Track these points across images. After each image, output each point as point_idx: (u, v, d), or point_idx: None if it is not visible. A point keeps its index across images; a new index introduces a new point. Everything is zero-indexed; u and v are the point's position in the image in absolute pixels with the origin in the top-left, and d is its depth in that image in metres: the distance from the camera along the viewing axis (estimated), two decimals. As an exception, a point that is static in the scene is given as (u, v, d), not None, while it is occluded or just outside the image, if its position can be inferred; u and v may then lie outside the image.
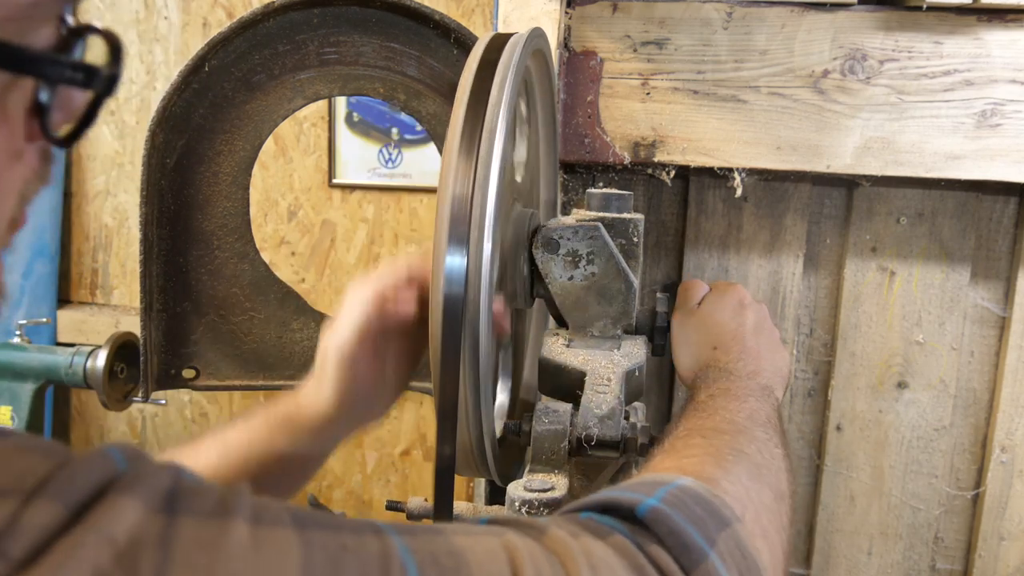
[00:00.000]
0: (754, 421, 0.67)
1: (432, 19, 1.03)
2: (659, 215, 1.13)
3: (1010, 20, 0.96)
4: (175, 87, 1.05)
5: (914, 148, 0.99)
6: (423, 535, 0.40)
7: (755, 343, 0.85)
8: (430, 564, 0.37)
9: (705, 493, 0.50)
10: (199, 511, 0.33)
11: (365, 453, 2.21)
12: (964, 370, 1.11)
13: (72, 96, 0.39)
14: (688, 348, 0.87)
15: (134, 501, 0.31)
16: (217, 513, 0.33)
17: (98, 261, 2.25)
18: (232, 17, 1.96)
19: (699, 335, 0.87)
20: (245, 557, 0.32)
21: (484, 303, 0.60)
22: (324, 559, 0.34)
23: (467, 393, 0.61)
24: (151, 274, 1.11)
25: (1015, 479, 1.10)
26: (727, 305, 0.89)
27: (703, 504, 0.49)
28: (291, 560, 0.33)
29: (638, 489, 0.49)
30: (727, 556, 0.46)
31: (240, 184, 1.13)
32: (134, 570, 0.30)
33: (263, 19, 1.04)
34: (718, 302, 0.90)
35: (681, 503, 0.48)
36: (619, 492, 0.49)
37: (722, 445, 0.61)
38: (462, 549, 0.40)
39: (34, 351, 1.69)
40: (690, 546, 0.45)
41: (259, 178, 2.09)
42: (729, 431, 0.65)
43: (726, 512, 0.49)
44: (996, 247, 1.09)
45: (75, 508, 0.30)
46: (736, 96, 1.01)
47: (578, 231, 0.75)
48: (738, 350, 0.83)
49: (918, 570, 1.15)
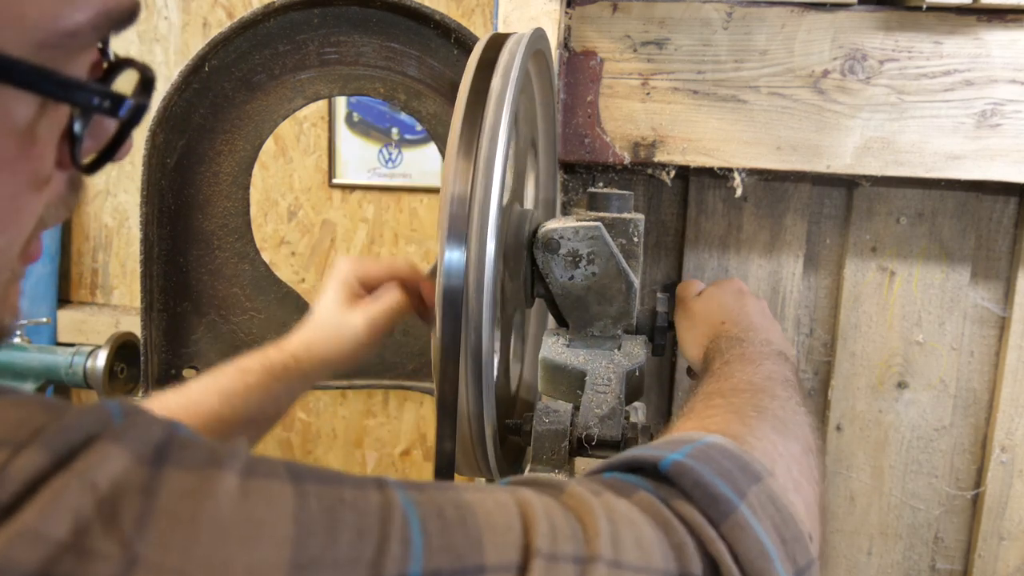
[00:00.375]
0: (773, 381, 0.65)
1: (432, 19, 1.03)
2: (659, 215, 1.13)
3: (1010, 20, 0.96)
4: (175, 87, 1.05)
5: (914, 148, 0.99)
6: (431, 490, 0.38)
7: (761, 320, 0.83)
8: (434, 516, 0.36)
9: (733, 448, 0.48)
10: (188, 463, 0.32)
11: (365, 453, 2.21)
12: (964, 370, 1.11)
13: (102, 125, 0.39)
14: (694, 331, 0.85)
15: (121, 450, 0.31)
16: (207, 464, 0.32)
17: (98, 261, 2.25)
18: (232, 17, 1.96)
19: (704, 315, 0.86)
20: (233, 506, 0.31)
21: (487, 302, 0.60)
22: (319, 510, 0.33)
23: (468, 391, 0.61)
24: (151, 274, 1.11)
25: (1015, 479, 1.10)
26: (728, 291, 0.89)
27: (731, 458, 0.46)
28: (283, 510, 0.32)
29: (662, 447, 0.47)
30: (759, 508, 0.43)
31: (240, 184, 1.13)
32: (114, 516, 0.29)
33: (263, 19, 1.04)
34: (718, 288, 0.90)
35: (707, 457, 0.46)
36: (643, 450, 0.47)
37: (743, 404, 0.59)
38: (471, 503, 0.38)
39: (34, 351, 1.69)
40: (718, 498, 0.43)
41: (259, 178, 2.09)
42: (748, 390, 0.62)
43: (756, 466, 0.47)
44: (996, 247, 1.09)
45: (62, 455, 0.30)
46: (736, 96, 1.01)
47: (578, 231, 0.75)
48: (746, 323, 0.81)
49: (918, 570, 1.15)
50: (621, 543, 0.39)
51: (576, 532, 0.39)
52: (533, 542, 0.37)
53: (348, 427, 2.18)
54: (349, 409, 2.18)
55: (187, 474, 0.32)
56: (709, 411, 0.58)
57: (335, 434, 2.19)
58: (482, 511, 0.38)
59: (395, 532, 0.34)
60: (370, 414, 2.17)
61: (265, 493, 0.33)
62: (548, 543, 0.38)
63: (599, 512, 0.40)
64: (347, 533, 0.33)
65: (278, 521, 0.32)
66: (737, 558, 0.41)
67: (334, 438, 2.19)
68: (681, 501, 0.43)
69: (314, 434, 2.19)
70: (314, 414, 2.19)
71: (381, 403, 2.16)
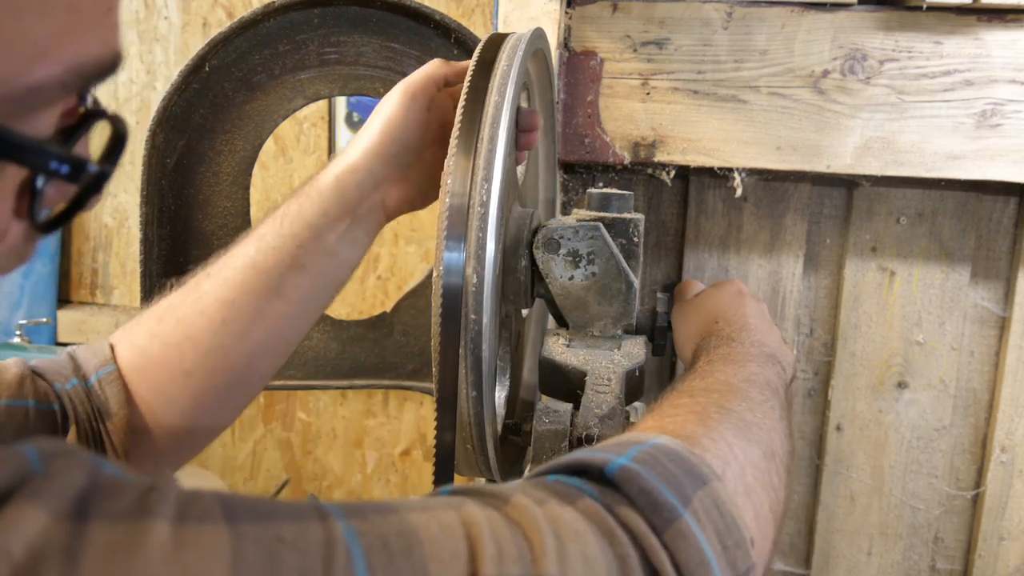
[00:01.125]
0: (751, 383, 0.64)
1: (432, 19, 1.03)
2: (659, 215, 1.13)
3: (1010, 20, 0.96)
4: (175, 87, 1.05)
5: (914, 148, 0.99)
6: (373, 515, 0.37)
7: (758, 323, 0.82)
8: (379, 548, 0.34)
9: (682, 451, 0.47)
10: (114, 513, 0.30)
11: (365, 453, 2.21)
12: (964, 370, 1.11)
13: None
14: (688, 328, 0.85)
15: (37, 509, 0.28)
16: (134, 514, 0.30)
17: (98, 261, 2.25)
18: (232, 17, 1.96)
19: (700, 314, 0.85)
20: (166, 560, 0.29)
21: (487, 302, 0.60)
22: (258, 555, 0.31)
23: (467, 391, 0.61)
24: (151, 274, 1.11)
25: (1015, 479, 1.10)
26: (726, 291, 0.88)
27: (679, 462, 0.46)
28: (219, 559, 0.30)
29: (610, 449, 0.46)
30: (702, 515, 0.43)
31: (240, 184, 1.13)
32: None
33: (263, 19, 1.04)
34: (717, 289, 0.90)
35: (654, 461, 0.45)
36: (590, 453, 0.46)
37: (708, 403, 0.58)
38: (415, 527, 0.37)
39: (34, 351, 1.69)
40: (662, 505, 0.42)
41: (259, 178, 2.09)
42: (719, 390, 0.61)
43: (703, 470, 0.46)
44: (996, 247, 1.09)
45: None
46: (736, 96, 1.01)
47: (578, 231, 0.75)
48: (741, 323, 0.80)
49: (918, 570, 1.15)
50: (568, 560, 0.39)
51: (523, 552, 0.38)
52: (480, 569, 0.36)
53: (348, 427, 2.18)
54: (349, 409, 2.18)
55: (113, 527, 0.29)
56: (672, 410, 0.57)
57: (335, 434, 2.19)
58: (427, 537, 0.36)
59: (339, 571, 0.33)
60: (370, 414, 2.17)
61: (199, 542, 0.31)
62: (495, 568, 0.37)
63: (545, 527, 0.40)
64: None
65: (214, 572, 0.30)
66: (678, 567, 0.41)
67: (334, 438, 2.19)
68: (626, 508, 0.43)
69: (314, 434, 2.19)
70: (314, 414, 2.19)
71: (381, 403, 2.16)
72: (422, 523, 0.37)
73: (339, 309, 2.15)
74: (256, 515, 0.33)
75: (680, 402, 0.59)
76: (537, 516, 0.40)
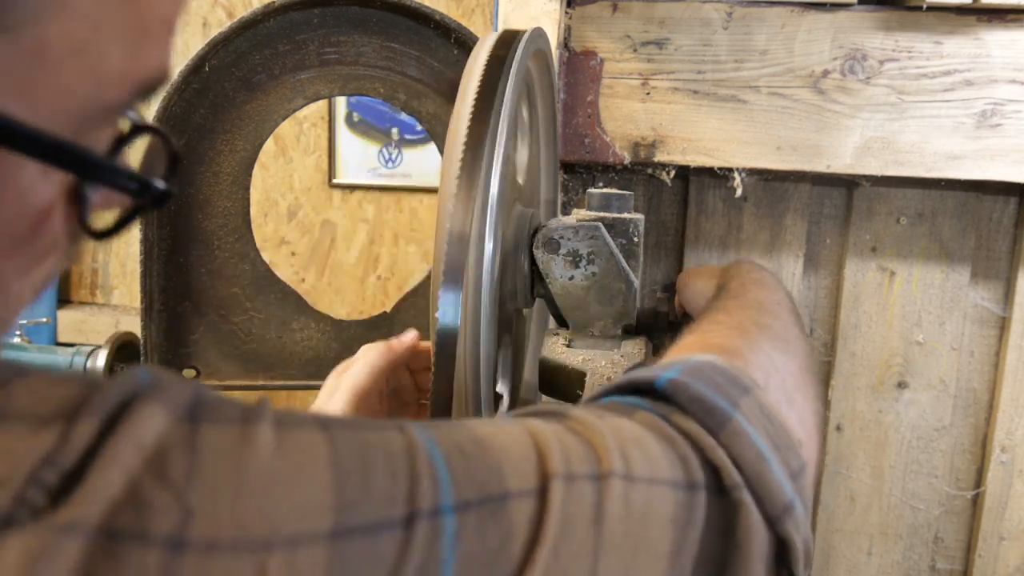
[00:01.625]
0: (781, 306, 0.66)
1: (432, 19, 1.03)
2: (659, 215, 1.13)
3: (1010, 20, 0.96)
4: (175, 87, 1.05)
5: (914, 148, 0.99)
6: (446, 427, 0.40)
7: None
8: (456, 452, 0.38)
9: (724, 364, 0.50)
10: (222, 419, 0.33)
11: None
12: (964, 370, 1.11)
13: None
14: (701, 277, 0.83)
15: (156, 410, 0.32)
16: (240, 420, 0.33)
17: (98, 261, 2.25)
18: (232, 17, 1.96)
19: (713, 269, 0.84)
20: (272, 456, 0.33)
21: (486, 302, 0.60)
22: (351, 454, 0.35)
23: (467, 392, 0.61)
24: (151, 274, 1.11)
25: (1015, 479, 1.10)
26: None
27: (722, 373, 0.48)
28: (319, 457, 0.34)
29: (657, 368, 0.49)
30: (752, 418, 0.46)
31: (240, 184, 1.13)
32: (163, 474, 0.30)
33: (263, 19, 1.04)
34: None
35: (700, 373, 0.48)
36: (639, 372, 0.49)
37: (745, 319, 0.60)
38: (485, 437, 0.40)
39: (34, 351, 1.69)
40: (713, 409, 0.45)
41: (259, 178, 2.09)
42: (754, 307, 0.64)
43: (745, 380, 0.49)
44: (996, 247, 1.09)
45: (108, 421, 0.31)
46: (736, 96, 1.01)
47: (578, 231, 0.75)
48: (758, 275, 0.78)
49: (918, 570, 1.15)
50: (630, 458, 0.41)
51: (588, 452, 0.41)
52: (549, 466, 0.39)
53: (348, 427, 2.18)
54: (349, 409, 2.17)
55: (224, 429, 0.33)
56: (712, 326, 0.60)
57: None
58: (498, 443, 0.40)
59: (423, 470, 0.36)
60: (370, 414, 2.17)
61: (299, 442, 0.34)
62: (563, 465, 0.40)
63: (605, 432, 0.42)
64: (380, 473, 0.35)
65: (316, 467, 0.33)
66: (736, 462, 0.44)
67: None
68: (680, 415, 0.45)
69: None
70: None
71: (381, 403, 2.16)
72: (491, 434, 0.40)
73: (339, 309, 2.15)
74: (344, 425, 0.36)
75: (718, 318, 0.61)
76: (597, 424, 0.43)
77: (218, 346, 1.16)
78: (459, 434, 0.39)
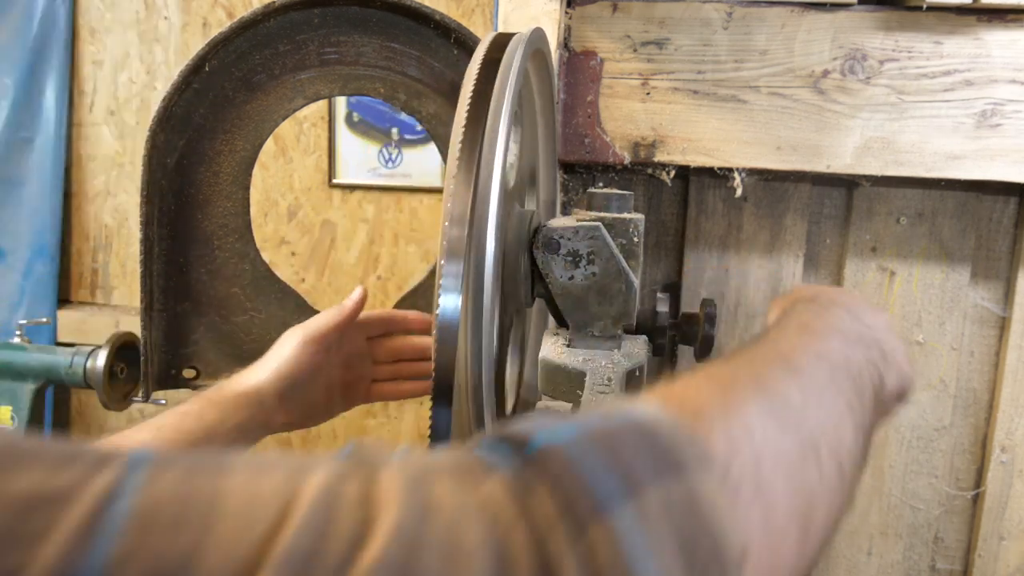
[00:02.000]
0: (821, 359, 0.51)
1: (432, 19, 1.03)
2: (659, 215, 1.13)
3: (1010, 20, 0.96)
4: (175, 87, 1.05)
5: (914, 148, 0.99)
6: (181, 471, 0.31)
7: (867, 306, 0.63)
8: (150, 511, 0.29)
9: (665, 428, 0.36)
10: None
11: (365, 453, 2.21)
12: (964, 370, 1.11)
13: None
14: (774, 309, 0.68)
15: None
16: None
17: (98, 261, 2.25)
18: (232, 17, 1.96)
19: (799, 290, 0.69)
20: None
21: (487, 302, 0.60)
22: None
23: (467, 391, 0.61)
24: (151, 274, 1.11)
25: (1015, 479, 1.10)
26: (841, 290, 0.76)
27: (649, 440, 0.35)
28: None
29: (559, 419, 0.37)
30: (656, 515, 0.32)
31: (240, 184, 1.13)
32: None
33: (263, 19, 1.04)
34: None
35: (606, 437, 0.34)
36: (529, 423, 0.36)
37: (744, 374, 0.46)
38: (217, 494, 0.30)
39: (34, 351, 1.69)
40: (586, 496, 0.32)
41: (259, 178, 2.09)
42: (769, 360, 0.49)
43: (687, 455, 0.35)
44: (996, 247, 1.09)
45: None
46: (736, 96, 1.01)
47: (578, 231, 0.75)
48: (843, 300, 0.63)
49: (918, 570, 1.15)
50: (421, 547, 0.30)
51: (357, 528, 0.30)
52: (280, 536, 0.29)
53: (348, 427, 2.18)
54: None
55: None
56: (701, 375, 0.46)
57: (335, 434, 2.19)
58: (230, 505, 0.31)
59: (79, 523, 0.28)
60: (370, 414, 2.17)
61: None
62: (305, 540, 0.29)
63: (407, 503, 0.31)
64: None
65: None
66: None
67: (334, 438, 2.19)
68: (544, 494, 0.32)
69: (314, 434, 2.19)
70: (314, 414, 2.19)
71: (381, 403, 2.16)
72: (236, 488, 0.31)
73: (339, 309, 2.14)
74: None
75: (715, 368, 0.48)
76: (402, 489, 0.32)
77: (218, 346, 1.16)
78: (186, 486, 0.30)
